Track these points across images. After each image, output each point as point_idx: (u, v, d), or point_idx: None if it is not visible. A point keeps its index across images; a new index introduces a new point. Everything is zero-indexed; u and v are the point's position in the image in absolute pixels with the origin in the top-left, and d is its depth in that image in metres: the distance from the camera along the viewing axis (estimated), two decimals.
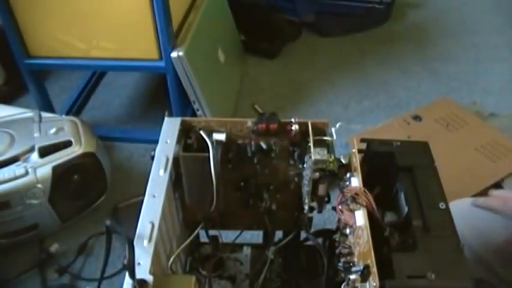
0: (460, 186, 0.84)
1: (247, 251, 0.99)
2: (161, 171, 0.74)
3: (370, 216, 0.66)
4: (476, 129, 1.53)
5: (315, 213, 0.87)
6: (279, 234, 0.96)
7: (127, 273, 0.57)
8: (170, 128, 0.80)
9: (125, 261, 0.56)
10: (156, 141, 0.79)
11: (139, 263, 0.60)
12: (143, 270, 0.60)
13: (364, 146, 0.77)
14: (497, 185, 1.33)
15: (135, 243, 0.62)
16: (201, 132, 0.78)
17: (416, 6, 2.28)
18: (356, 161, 0.73)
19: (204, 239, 0.94)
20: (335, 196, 0.79)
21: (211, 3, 1.60)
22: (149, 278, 0.59)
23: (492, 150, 1.44)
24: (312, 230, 0.92)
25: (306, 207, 0.82)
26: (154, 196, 0.70)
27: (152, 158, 0.76)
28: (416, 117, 1.59)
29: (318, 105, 1.70)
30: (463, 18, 2.21)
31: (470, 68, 1.89)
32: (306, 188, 0.80)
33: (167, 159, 0.75)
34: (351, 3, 2.12)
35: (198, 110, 1.45)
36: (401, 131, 1.54)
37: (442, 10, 2.28)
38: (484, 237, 0.84)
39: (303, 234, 0.95)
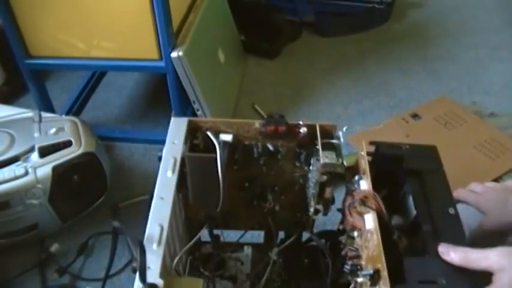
0: (459, 184, 0.85)
1: (248, 250, 0.99)
2: (169, 173, 0.73)
3: (379, 219, 0.66)
4: (475, 127, 1.54)
5: (319, 215, 0.87)
6: (280, 234, 0.96)
7: (137, 277, 0.57)
8: (177, 128, 0.80)
9: (135, 265, 0.56)
10: (157, 141, 0.78)
11: (149, 267, 0.60)
12: (153, 274, 0.60)
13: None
14: None
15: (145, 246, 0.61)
16: (208, 133, 0.78)
17: (416, 6, 2.28)
18: (365, 163, 0.73)
19: (204, 238, 0.94)
20: (338, 197, 0.79)
21: (211, 3, 1.60)
22: (159, 282, 0.58)
23: (490, 148, 1.45)
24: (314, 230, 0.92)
25: (312, 210, 0.82)
26: (162, 198, 0.70)
27: (159, 158, 0.76)
28: (415, 116, 1.60)
29: (318, 105, 1.70)
30: (463, 18, 2.22)
31: (470, 68, 1.89)
32: (312, 191, 0.80)
33: (175, 160, 0.75)
34: (351, 3, 2.12)
35: (198, 110, 1.44)
36: (400, 130, 1.54)
37: (442, 10, 2.28)
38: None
39: (305, 235, 0.95)
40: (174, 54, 1.31)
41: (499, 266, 0.61)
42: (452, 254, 0.62)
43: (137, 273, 0.56)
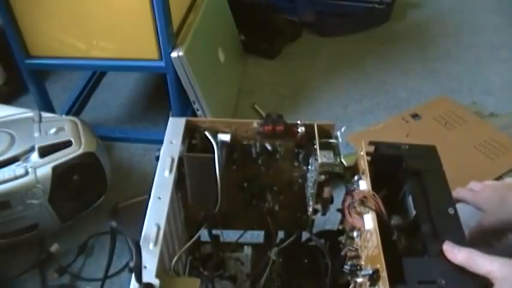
0: (459, 184, 0.85)
1: (248, 250, 0.99)
2: (166, 172, 0.73)
3: (378, 219, 0.66)
4: (475, 127, 1.54)
5: (317, 215, 0.87)
6: (279, 233, 0.96)
7: (133, 277, 0.57)
8: (175, 128, 0.80)
9: (131, 264, 0.56)
10: (157, 141, 0.78)
11: (145, 267, 0.60)
12: (149, 274, 0.60)
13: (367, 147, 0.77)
14: None
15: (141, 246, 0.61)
16: (206, 133, 0.77)
17: (416, 6, 2.28)
18: (364, 163, 0.73)
19: (204, 238, 0.94)
20: (337, 197, 0.79)
21: (211, 3, 1.60)
22: (155, 282, 0.58)
23: (490, 148, 1.45)
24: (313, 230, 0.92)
25: (310, 209, 0.82)
26: (159, 198, 0.70)
27: (157, 158, 0.76)
28: (415, 116, 1.59)
29: (318, 105, 1.70)
30: (463, 18, 2.21)
31: (470, 68, 1.88)
32: (310, 190, 0.79)
33: (172, 160, 0.75)
34: (351, 3, 2.12)
35: (198, 110, 1.44)
36: (400, 130, 1.54)
37: (442, 10, 2.27)
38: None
39: (304, 235, 0.95)
40: (174, 54, 1.31)
41: (501, 274, 0.60)
42: (456, 252, 0.62)
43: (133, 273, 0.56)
